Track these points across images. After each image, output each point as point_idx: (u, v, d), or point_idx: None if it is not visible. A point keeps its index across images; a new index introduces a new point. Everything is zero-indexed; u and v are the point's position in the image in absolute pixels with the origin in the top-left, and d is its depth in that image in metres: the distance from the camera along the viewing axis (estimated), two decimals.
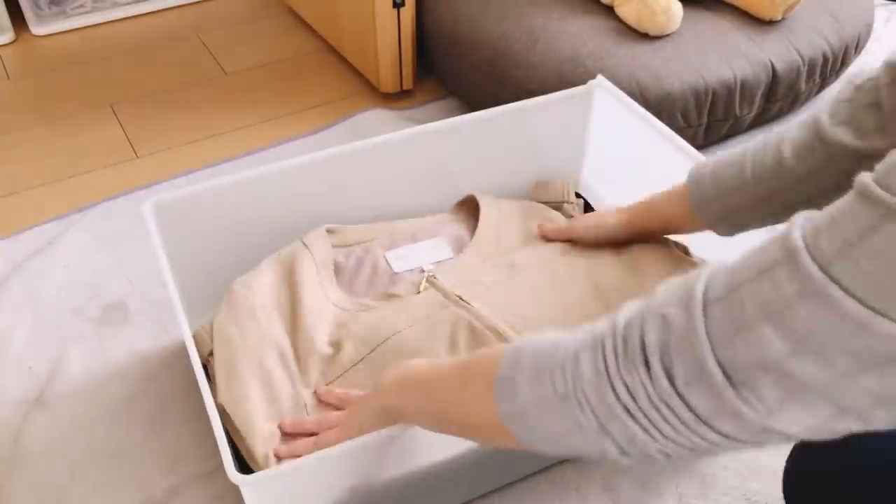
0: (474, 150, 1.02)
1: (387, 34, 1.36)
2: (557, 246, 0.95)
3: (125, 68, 1.57)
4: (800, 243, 0.42)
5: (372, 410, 0.69)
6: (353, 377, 0.82)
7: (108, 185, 1.27)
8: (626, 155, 1.06)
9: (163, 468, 0.87)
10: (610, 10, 1.30)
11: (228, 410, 0.76)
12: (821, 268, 0.40)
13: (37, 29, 1.67)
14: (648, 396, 0.46)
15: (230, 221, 0.91)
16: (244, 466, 0.75)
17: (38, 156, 1.35)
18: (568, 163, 1.11)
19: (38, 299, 1.07)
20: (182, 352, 0.92)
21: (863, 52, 1.43)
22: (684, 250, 0.93)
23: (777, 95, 1.30)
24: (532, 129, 1.05)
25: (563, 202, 1.06)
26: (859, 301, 0.39)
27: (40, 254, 1.13)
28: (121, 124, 1.42)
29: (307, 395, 0.80)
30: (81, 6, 1.70)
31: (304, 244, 0.92)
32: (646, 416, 0.46)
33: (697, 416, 0.44)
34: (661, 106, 1.18)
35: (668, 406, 0.45)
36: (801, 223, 0.43)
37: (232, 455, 0.64)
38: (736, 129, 1.32)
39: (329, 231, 0.95)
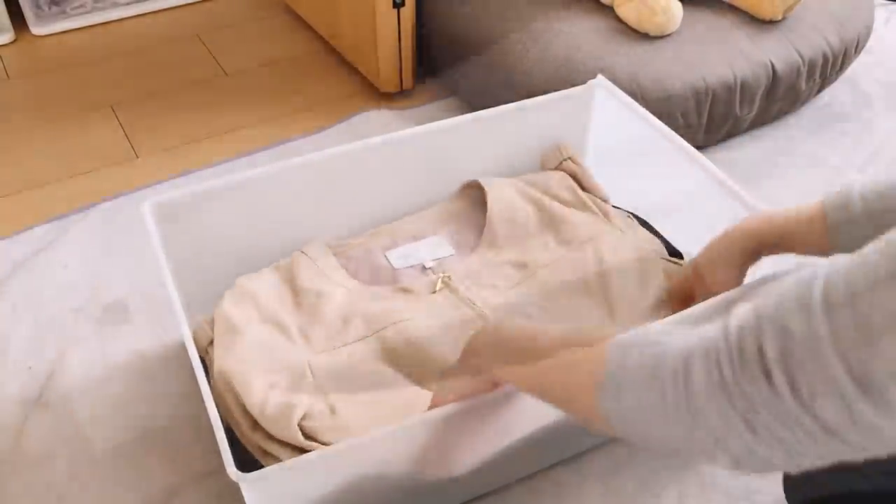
0: (474, 150, 1.02)
1: (387, 34, 1.36)
2: (570, 243, 0.96)
3: (125, 68, 1.57)
4: None
5: (465, 370, 0.68)
6: (359, 349, 0.82)
7: (108, 185, 1.27)
8: (626, 155, 1.06)
9: (163, 468, 0.87)
10: (610, 10, 1.30)
11: (227, 377, 0.77)
12: None
13: (37, 29, 1.67)
14: (771, 410, 0.43)
15: (230, 221, 0.91)
16: (244, 465, 0.75)
17: (38, 156, 1.35)
18: None
19: (38, 299, 1.07)
20: (182, 352, 0.92)
21: (863, 52, 1.43)
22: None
23: (777, 95, 1.30)
24: (532, 129, 1.05)
25: (563, 160, 1.06)
26: None
27: (40, 254, 1.13)
28: (121, 124, 1.42)
29: (313, 359, 0.80)
30: (81, 6, 1.70)
31: (301, 251, 0.93)
32: (768, 429, 0.44)
33: (827, 429, 0.42)
34: (661, 106, 1.18)
35: (795, 420, 0.43)
36: None
37: (232, 454, 0.64)
38: (736, 130, 1.32)
39: (329, 246, 0.95)
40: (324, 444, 0.73)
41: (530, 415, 0.76)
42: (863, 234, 0.69)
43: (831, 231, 0.71)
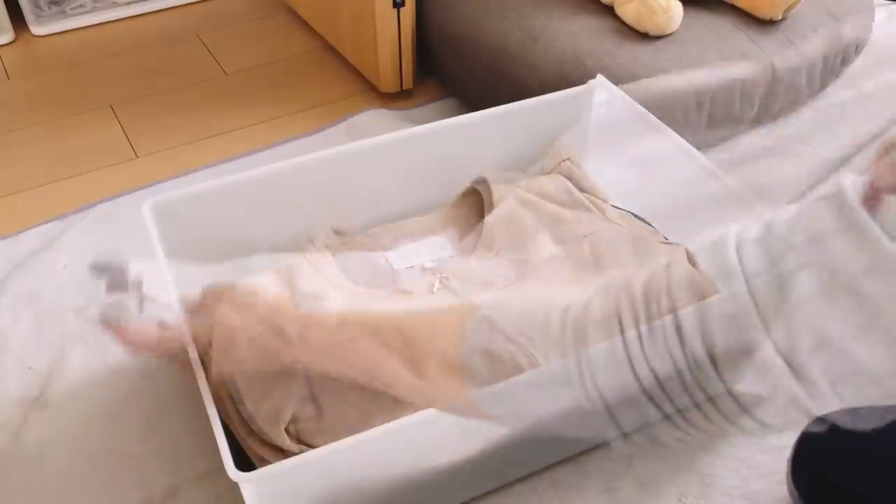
0: (474, 150, 1.02)
1: (387, 34, 1.36)
2: (566, 241, 0.96)
3: (125, 68, 1.57)
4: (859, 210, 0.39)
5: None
6: None
7: (108, 185, 1.27)
8: (626, 155, 1.06)
9: (162, 468, 0.87)
10: (610, 10, 1.30)
11: (224, 382, 0.77)
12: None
13: (37, 29, 1.67)
14: (682, 379, 0.42)
15: (230, 221, 0.91)
16: (244, 465, 0.75)
17: (38, 156, 1.35)
18: None
19: (38, 299, 1.07)
20: (181, 352, 0.92)
21: (863, 52, 1.43)
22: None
23: (777, 95, 1.30)
24: (532, 129, 1.05)
25: (560, 162, 1.06)
26: None
27: (40, 254, 1.13)
28: (121, 124, 1.42)
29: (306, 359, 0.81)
30: (81, 6, 1.70)
31: (303, 256, 0.93)
32: (671, 399, 0.43)
33: (737, 400, 0.42)
34: (662, 106, 1.18)
35: (702, 389, 0.42)
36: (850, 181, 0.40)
37: (231, 454, 0.64)
38: (736, 130, 1.32)
39: (336, 231, 0.95)
40: (312, 446, 0.73)
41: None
42: None
43: None
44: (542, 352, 0.45)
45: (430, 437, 0.70)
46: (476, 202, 1.03)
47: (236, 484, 0.63)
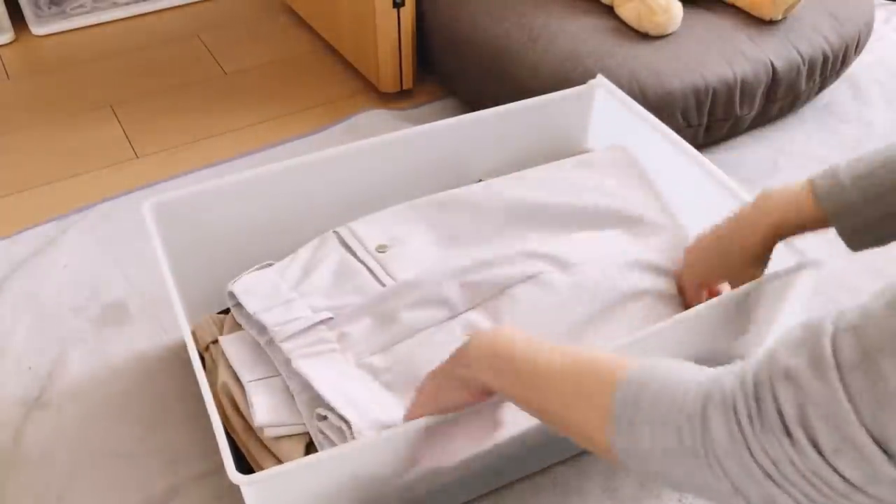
0: (474, 150, 1.02)
1: (387, 34, 1.36)
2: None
3: (125, 68, 1.57)
4: None
5: (454, 378, 0.65)
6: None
7: (108, 185, 1.27)
8: None
9: (163, 468, 0.87)
10: (610, 10, 1.30)
11: (228, 390, 0.77)
12: None
13: (37, 29, 1.67)
14: (795, 466, 0.43)
15: (230, 221, 0.91)
16: (244, 466, 0.75)
17: (38, 156, 1.35)
18: None
19: (38, 299, 1.07)
20: (182, 352, 0.92)
21: (863, 51, 1.43)
22: None
23: (777, 95, 1.30)
24: (532, 129, 1.05)
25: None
26: None
27: (40, 254, 1.13)
28: (121, 124, 1.42)
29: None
30: (81, 6, 1.70)
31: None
32: (792, 484, 0.44)
33: (852, 484, 0.42)
34: (661, 106, 1.18)
35: (818, 476, 0.42)
36: None
37: (232, 455, 0.64)
38: (736, 129, 1.32)
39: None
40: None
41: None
42: (854, 207, 0.71)
43: (826, 207, 0.71)
44: (676, 429, 0.49)
45: (429, 441, 0.70)
46: None
47: (236, 484, 0.63)
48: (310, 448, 0.75)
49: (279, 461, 0.74)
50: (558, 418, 0.57)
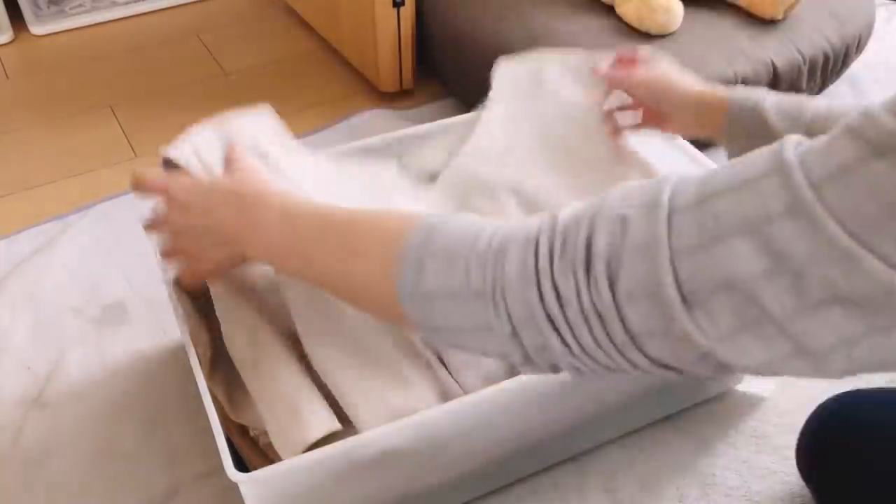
0: None
1: (387, 34, 1.36)
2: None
3: (125, 68, 1.57)
4: (793, 159, 0.38)
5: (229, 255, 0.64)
6: None
7: (107, 185, 1.27)
8: None
9: (163, 468, 0.87)
10: (610, 10, 1.30)
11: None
12: (811, 186, 0.36)
13: (36, 29, 1.67)
14: (580, 304, 0.41)
15: None
16: (244, 466, 0.75)
17: (38, 156, 1.35)
18: None
19: (37, 299, 1.06)
20: (181, 352, 0.92)
21: (863, 51, 1.43)
22: None
23: None
24: None
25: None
26: (847, 229, 0.35)
27: (40, 254, 1.13)
28: (120, 124, 1.42)
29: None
30: (80, 6, 1.70)
31: None
32: (570, 325, 0.42)
33: (629, 333, 0.40)
34: None
35: (599, 317, 0.41)
36: (795, 141, 0.39)
37: (231, 454, 0.63)
38: None
39: None
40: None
41: (532, 414, 0.76)
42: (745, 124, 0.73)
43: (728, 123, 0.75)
44: (465, 267, 0.46)
45: (429, 438, 0.70)
46: None
47: (236, 484, 0.63)
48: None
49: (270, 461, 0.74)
50: (343, 289, 0.54)
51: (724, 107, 0.76)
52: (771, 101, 0.74)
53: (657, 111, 0.85)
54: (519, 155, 0.90)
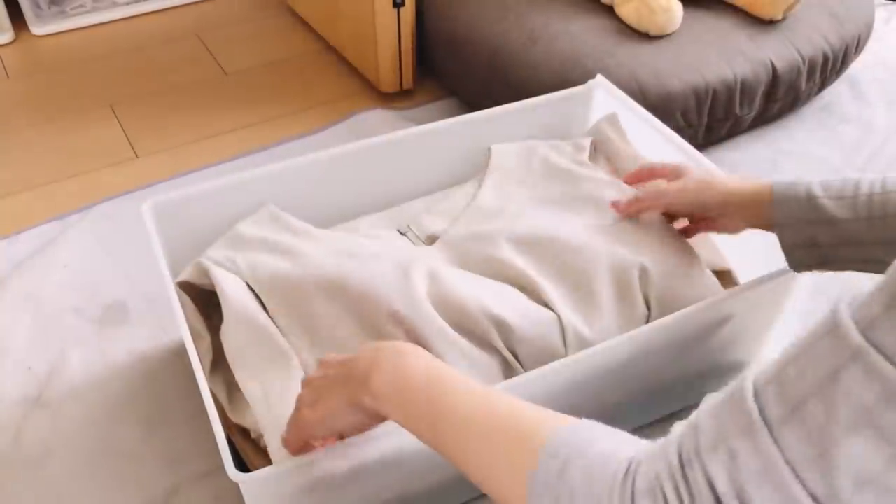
0: (474, 151, 1.02)
1: (387, 34, 1.36)
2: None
3: (125, 68, 1.57)
4: (858, 340, 0.37)
5: (355, 405, 0.59)
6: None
7: (108, 185, 1.27)
8: None
9: (163, 468, 0.87)
10: (610, 10, 1.30)
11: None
12: (889, 361, 0.36)
13: (37, 29, 1.67)
14: None
15: (230, 221, 0.91)
16: (244, 466, 0.75)
17: (38, 156, 1.35)
18: None
19: (38, 299, 1.07)
20: (182, 352, 0.92)
21: (863, 51, 1.43)
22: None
23: (777, 95, 1.30)
24: (532, 129, 1.05)
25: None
26: None
27: (40, 254, 1.13)
28: (121, 124, 1.42)
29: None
30: (81, 6, 1.70)
31: None
32: None
33: None
34: (662, 106, 1.18)
35: None
36: (851, 316, 0.39)
37: (231, 454, 0.64)
38: (736, 129, 1.32)
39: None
40: None
41: None
42: (796, 213, 0.72)
43: (775, 208, 0.73)
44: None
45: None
46: None
47: (236, 484, 0.63)
48: None
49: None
50: (477, 477, 0.53)
51: (769, 197, 0.74)
52: (818, 182, 0.73)
53: (703, 216, 0.84)
54: (512, 209, 0.93)
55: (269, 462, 0.74)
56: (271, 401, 0.74)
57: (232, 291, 0.80)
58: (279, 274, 0.82)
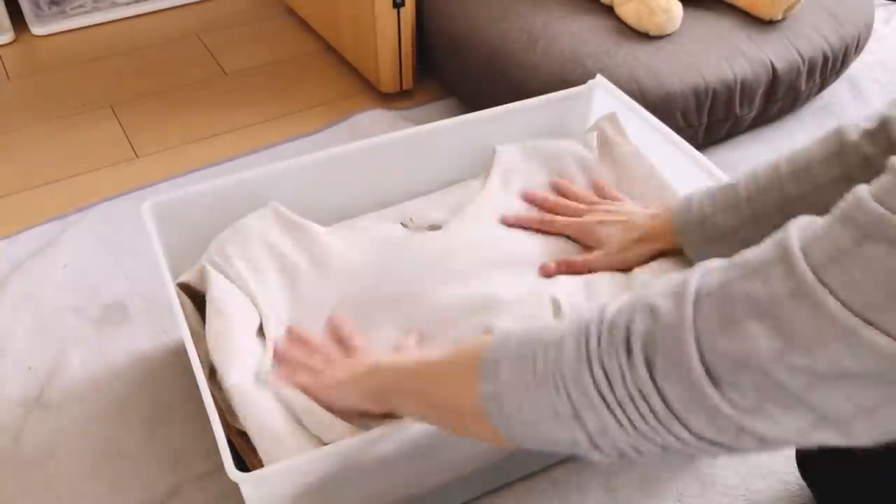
0: (474, 151, 1.02)
1: (387, 34, 1.36)
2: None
3: (125, 68, 1.57)
4: (795, 245, 0.42)
5: (362, 389, 0.68)
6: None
7: (108, 185, 1.27)
8: None
9: (163, 468, 0.87)
10: (610, 10, 1.30)
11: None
12: (813, 270, 0.40)
13: (37, 29, 1.67)
14: (625, 383, 0.45)
15: (230, 222, 0.91)
16: (244, 465, 0.75)
17: (38, 156, 1.35)
18: None
19: (38, 299, 1.07)
20: (182, 352, 0.92)
21: (863, 51, 1.43)
22: None
23: (777, 95, 1.30)
24: (532, 130, 1.05)
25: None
26: (849, 308, 0.39)
27: (40, 254, 1.13)
28: (121, 124, 1.42)
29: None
30: (81, 6, 1.70)
31: None
32: (619, 404, 0.46)
33: (671, 409, 0.44)
34: (661, 106, 1.18)
35: (642, 395, 0.45)
36: (797, 226, 0.43)
37: (232, 454, 0.64)
38: (736, 129, 1.32)
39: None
40: None
41: None
42: (699, 237, 0.79)
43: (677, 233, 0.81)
44: (532, 358, 0.52)
45: (430, 438, 0.70)
46: None
47: (237, 484, 0.63)
48: None
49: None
50: (439, 398, 0.59)
51: (671, 229, 0.82)
52: (707, 202, 0.79)
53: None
54: (517, 210, 0.96)
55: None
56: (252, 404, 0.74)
57: (219, 298, 0.81)
58: (278, 286, 0.85)
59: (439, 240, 0.92)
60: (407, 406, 0.64)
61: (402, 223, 0.95)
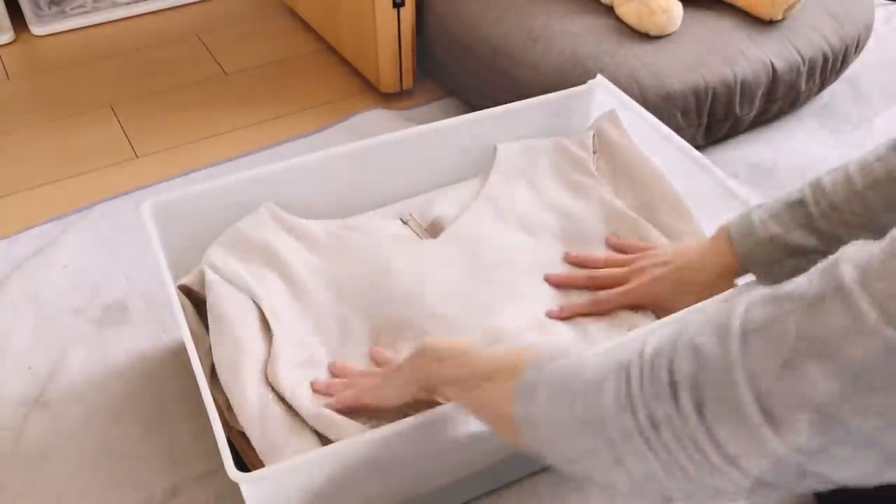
0: (474, 151, 1.02)
1: (387, 34, 1.36)
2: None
3: (125, 68, 1.57)
4: (850, 277, 0.39)
5: (410, 374, 0.68)
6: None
7: (108, 185, 1.27)
8: None
9: (163, 468, 0.87)
10: (610, 10, 1.30)
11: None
12: (874, 305, 0.37)
13: (37, 29, 1.67)
14: (673, 430, 0.43)
15: (230, 221, 0.91)
16: (244, 465, 0.75)
17: (38, 156, 1.35)
18: None
19: (38, 299, 1.07)
20: (182, 352, 0.92)
21: (863, 51, 1.43)
22: None
23: (777, 95, 1.30)
24: (532, 129, 1.05)
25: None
26: None
27: (40, 254, 1.13)
28: (121, 124, 1.42)
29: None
30: (81, 6, 1.70)
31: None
32: (668, 451, 0.43)
33: (726, 456, 0.41)
34: (661, 106, 1.18)
35: (694, 443, 0.42)
36: (848, 256, 0.40)
37: (231, 454, 0.64)
38: (736, 129, 1.32)
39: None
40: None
41: None
42: (767, 257, 0.74)
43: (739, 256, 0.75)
44: (570, 394, 0.51)
45: (430, 438, 0.70)
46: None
47: (236, 484, 0.63)
48: None
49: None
50: (478, 399, 0.59)
51: (733, 259, 0.76)
52: (768, 217, 0.75)
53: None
54: (519, 210, 0.96)
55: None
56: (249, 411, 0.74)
57: (219, 305, 0.81)
58: (279, 286, 0.85)
59: (439, 239, 0.92)
60: (450, 394, 0.64)
61: (401, 219, 0.95)
